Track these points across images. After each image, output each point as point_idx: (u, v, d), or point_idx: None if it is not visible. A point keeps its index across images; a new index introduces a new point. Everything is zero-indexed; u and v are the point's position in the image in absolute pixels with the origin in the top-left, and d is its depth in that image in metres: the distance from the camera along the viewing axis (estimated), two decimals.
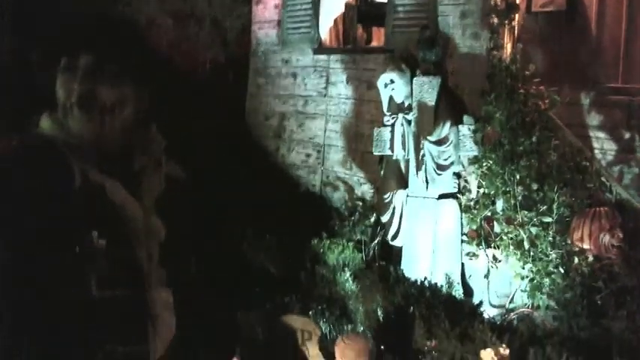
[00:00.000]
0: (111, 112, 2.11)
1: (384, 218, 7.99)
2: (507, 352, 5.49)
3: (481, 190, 7.27)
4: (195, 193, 2.39)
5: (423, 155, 7.47)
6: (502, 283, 7.10)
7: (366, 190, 9.22)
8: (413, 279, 7.18)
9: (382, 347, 6.06)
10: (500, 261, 7.06)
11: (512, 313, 6.80)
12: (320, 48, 10.20)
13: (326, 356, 6.06)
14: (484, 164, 7.12)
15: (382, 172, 8.16)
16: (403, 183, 7.80)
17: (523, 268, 6.81)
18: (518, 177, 6.88)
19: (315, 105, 10.18)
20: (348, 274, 7.26)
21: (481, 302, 7.00)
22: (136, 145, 2.22)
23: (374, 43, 11.27)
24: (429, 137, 7.42)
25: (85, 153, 2.09)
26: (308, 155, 10.24)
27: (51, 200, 1.99)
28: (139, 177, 2.16)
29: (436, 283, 7.12)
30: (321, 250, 7.84)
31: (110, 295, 1.99)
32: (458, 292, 7.24)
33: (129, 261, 2.04)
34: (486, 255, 7.16)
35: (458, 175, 7.51)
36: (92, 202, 2.02)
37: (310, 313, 6.59)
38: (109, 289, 1.99)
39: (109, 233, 2.01)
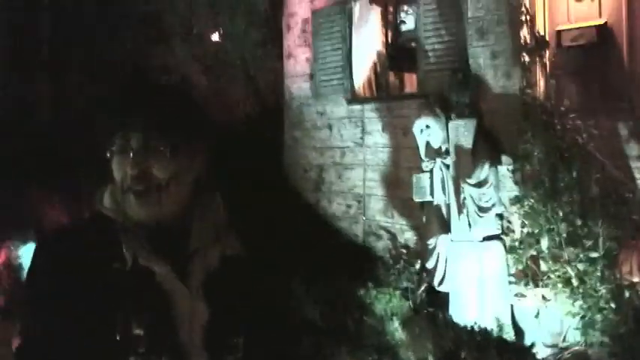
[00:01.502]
0: (167, 188, 2.09)
1: (429, 264, 7.95)
2: None
3: (525, 230, 7.21)
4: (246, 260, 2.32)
5: (464, 198, 7.43)
6: (553, 322, 6.99)
7: (409, 237, 9.18)
8: (462, 324, 7.10)
9: None
10: (549, 300, 6.97)
11: (565, 352, 6.70)
12: (354, 98, 10.25)
13: None
14: (526, 203, 7.07)
15: (424, 218, 8.13)
16: (446, 228, 7.76)
17: (573, 306, 6.72)
18: (561, 213, 6.82)
19: (353, 155, 10.20)
20: (396, 322, 7.21)
21: (533, 343, 6.91)
22: (194, 220, 2.18)
23: (407, 89, 11.30)
24: (468, 180, 7.39)
25: (137, 234, 2.08)
26: (349, 206, 10.24)
27: (99, 284, 1.99)
28: (192, 257, 2.13)
29: (486, 327, 7.04)
30: (368, 300, 7.80)
31: None
32: (509, 334, 7.15)
33: (171, 347, 2.02)
34: (535, 294, 7.08)
35: (500, 216, 7.45)
36: (140, 288, 2.01)
37: None
38: None
39: (152, 319, 2.00)
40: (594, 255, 6.64)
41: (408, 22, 10.85)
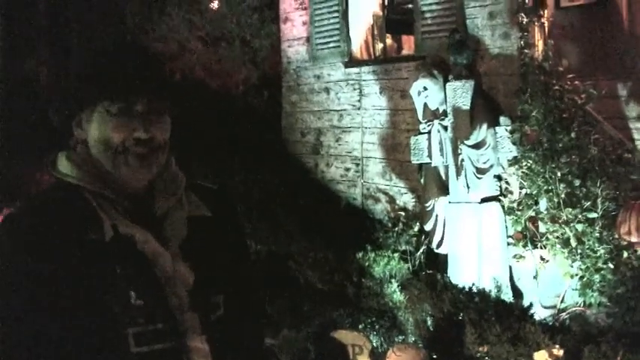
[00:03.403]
0: (163, 150, 2.08)
1: (428, 227, 7.94)
2: (561, 352, 5.43)
3: (523, 191, 7.20)
4: (224, 220, 2.31)
5: (462, 160, 7.40)
6: (552, 283, 7.00)
7: (407, 199, 9.19)
8: (461, 285, 7.10)
9: (434, 356, 6.02)
10: (547, 261, 6.97)
11: (564, 313, 6.72)
12: (351, 61, 10.21)
13: None
14: (524, 164, 7.05)
15: (422, 181, 8.11)
16: (444, 190, 7.75)
17: (572, 267, 6.72)
18: (559, 174, 6.80)
19: (351, 118, 10.18)
20: (395, 285, 7.21)
21: (531, 304, 6.91)
22: (156, 185, 2.15)
23: (404, 52, 11.25)
24: (466, 141, 7.36)
25: (112, 201, 2.06)
26: (347, 169, 10.24)
27: (82, 256, 1.95)
28: (162, 222, 2.11)
29: (484, 288, 7.04)
30: (367, 263, 7.80)
31: (148, 350, 1.97)
32: (507, 295, 7.16)
33: (163, 313, 2.01)
34: (533, 256, 7.08)
35: (499, 178, 7.43)
36: (124, 256, 1.99)
37: (360, 326, 6.56)
38: (147, 344, 1.96)
39: (144, 288, 1.98)
40: (592, 215, 6.62)
41: None
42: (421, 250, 8.05)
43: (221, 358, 2.11)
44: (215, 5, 12.93)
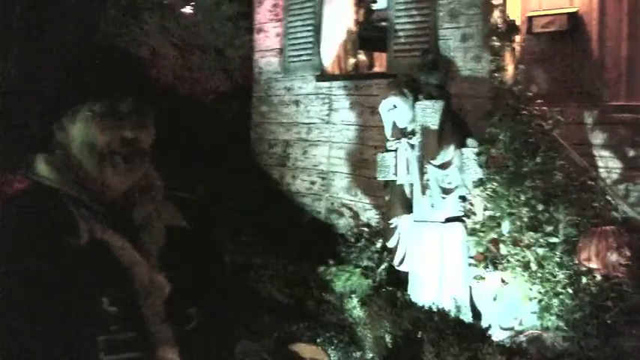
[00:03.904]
0: (147, 154, 2.06)
1: (391, 244, 7.95)
2: None
3: (487, 213, 7.23)
4: (199, 231, 2.29)
5: (428, 179, 7.43)
6: (511, 305, 7.03)
7: (371, 215, 9.20)
8: (421, 304, 7.12)
9: None
10: (507, 283, 7.00)
11: (521, 335, 6.74)
12: (322, 75, 10.23)
13: None
14: (489, 187, 7.09)
15: (387, 198, 8.13)
16: (408, 208, 7.76)
17: (531, 290, 6.76)
18: (523, 198, 6.85)
19: (319, 132, 10.19)
20: (355, 300, 7.21)
21: (490, 325, 6.95)
22: (135, 192, 2.14)
23: (376, 69, 11.29)
24: (432, 161, 7.39)
25: (90, 206, 2.03)
26: (313, 182, 10.24)
27: (56, 260, 1.93)
28: (140, 230, 2.09)
29: (444, 308, 7.06)
30: (328, 277, 7.80)
31: (118, 359, 1.94)
32: (466, 315, 7.18)
33: (135, 322, 1.98)
34: (494, 277, 7.11)
35: (463, 199, 7.46)
36: (99, 262, 1.97)
37: (319, 340, 6.55)
38: (117, 352, 1.94)
39: (116, 295, 1.96)
40: (554, 240, 6.67)
41: (380, 1, 10.85)
42: (383, 267, 8.05)
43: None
44: (188, 11, 12.90)
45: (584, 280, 6.42)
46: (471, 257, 7.34)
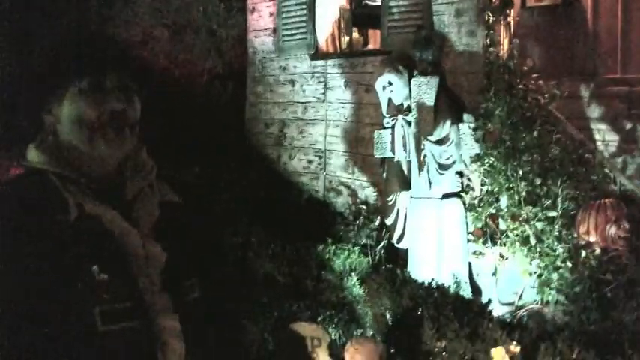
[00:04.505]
0: (134, 128, 2.10)
1: (389, 221, 7.96)
2: (518, 349, 5.46)
3: (484, 188, 7.23)
4: (196, 209, 2.33)
5: (425, 156, 7.42)
6: (510, 280, 7.05)
7: (369, 193, 9.20)
8: (420, 280, 7.13)
9: (392, 350, 6.03)
10: (507, 258, 7.01)
11: (521, 310, 6.76)
12: (317, 53, 10.20)
13: None
14: (486, 162, 7.08)
15: (384, 175, 8.12)
16: (406, 185, 7.76)
17: (530, 264, 6.77)
18: (521, 173, 6.85)
19: (315, 111, 10.17)
20: (355, 278, 7.22)
21: (490, 300, 6.97)
22: (126, 170, 2.16)
23: (370, 46, 11.26)
24: (429, 137, 7.38)
25: (79, 183, 2.06)
26: (310, 162, 10.23)
27: (47, 236, 1.95)
28: (133, 205, 2.12)
29: (443, 284, 7.07)
30: (327, 256, 7.81)
31: (116, 328, 1.96)
32: (466, 291, 7.20)
33: (131, 292, 2.01)
34: (493, 253, 7.12)
35: (461, 174, 7.46)
36: (90, 235, 1.99)
37: (319, 319, 6.56)
38: (114, 322, 1.96)
39: (109, 265, 1.98)
40: (552, 214, 6.68)
41: None
42: (381, 245, 8.06)
43: (199, 338, 2.12)
44: None
45: (583, 253, 6.43)
46: (470, 233, 7.35)
